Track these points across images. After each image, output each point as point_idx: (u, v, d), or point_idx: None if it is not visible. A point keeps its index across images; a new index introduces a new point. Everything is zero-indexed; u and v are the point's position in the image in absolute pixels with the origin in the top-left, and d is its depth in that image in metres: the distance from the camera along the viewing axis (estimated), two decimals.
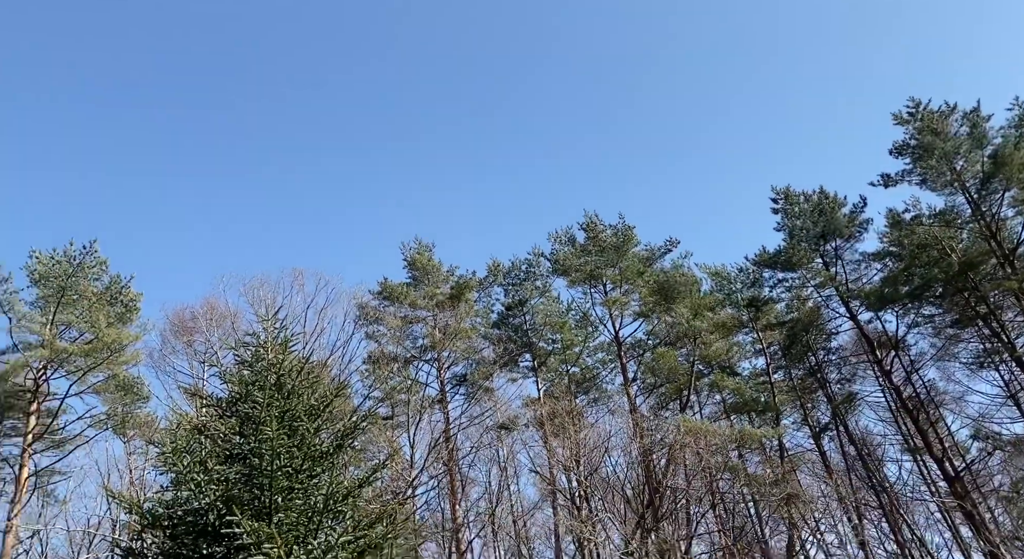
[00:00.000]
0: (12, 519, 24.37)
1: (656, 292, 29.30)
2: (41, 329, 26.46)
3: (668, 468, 21.81)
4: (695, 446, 21.30)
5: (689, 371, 28.84)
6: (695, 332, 28.13)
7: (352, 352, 27.55)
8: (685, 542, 20.71)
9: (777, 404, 28.58)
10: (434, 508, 29.57)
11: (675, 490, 21.91)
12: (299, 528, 8.43)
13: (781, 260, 30.15)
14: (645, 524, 20.03)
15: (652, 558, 18.55)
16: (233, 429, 9.95)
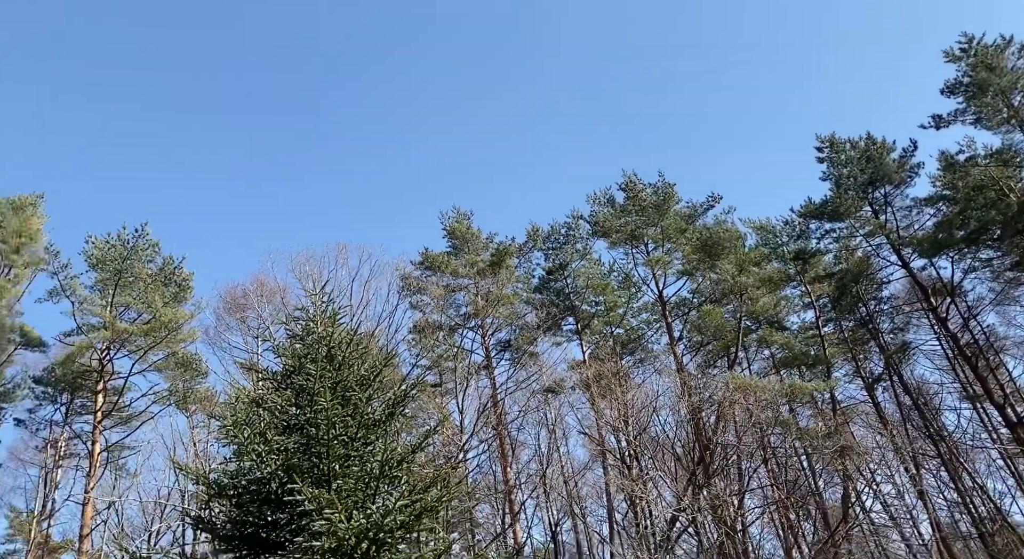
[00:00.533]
0: (89, 492, 25.74)
1: (700, 249, 28.88)
2: (102, 311, 27.52)
3: (718, 425, 21.74)
4: (744, 402, 21.15)
5: (736, 327, 28.51)
6: (741, 288, 27.72)
7: (398, 322, 27.93)
8: (737, 497, 20.71)
9: (828, 357, 28.12)
10: (486, 471, 30.13)
11: (726, 447, 21.85)
12: (357, 493, 8.70)
13: (828, 210, 29.32)
14: (696, 481, 20.08)
15: (705, 514, 18.65)
16: (289, 401, 10.26)
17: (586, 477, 27.97)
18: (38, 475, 30.45)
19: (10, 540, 32.19)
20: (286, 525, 8.91)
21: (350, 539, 7.57)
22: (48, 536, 28.12)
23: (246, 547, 9.00)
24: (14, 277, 27.45)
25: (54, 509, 28.35)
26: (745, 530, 20.06)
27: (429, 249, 30.93)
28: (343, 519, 7.60)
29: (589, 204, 32.12)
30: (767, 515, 22.71)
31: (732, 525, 17.91)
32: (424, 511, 8.80)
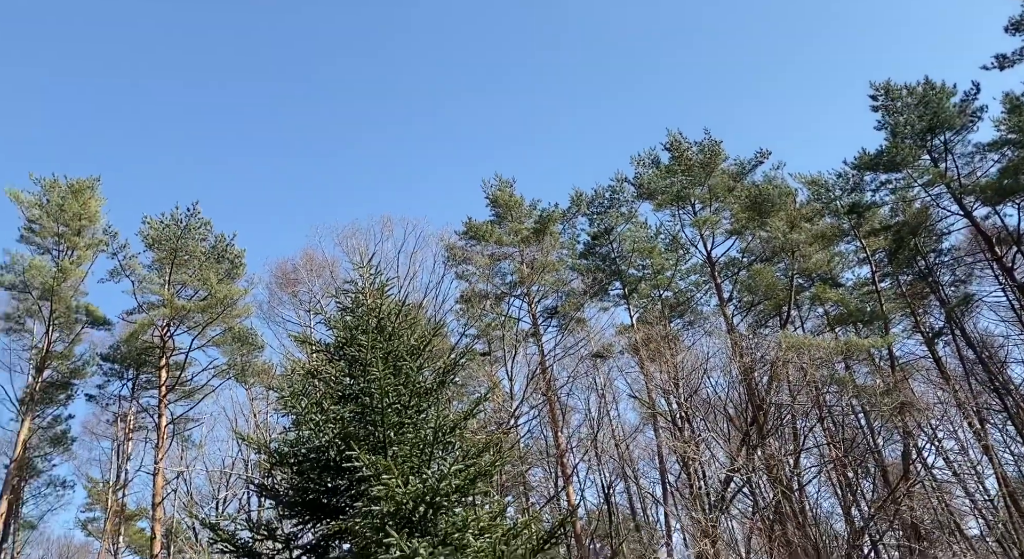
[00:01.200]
0: (158, 462, 26.95)
1: (748, 207, 28.18)
2: (160, 289, 28.47)
3: (771, 385, 21.42)
4: (798, 361, 20.76)
5: (788, 286, 27.89)
6: (792, 245, 27.02)
7: (444, 292, 28.19)
8: (792, 457, 20.49)
9: (885, 312, 27.32)
10: (537, 436, 30.46)
11: (779, 406, 21.56)
12: (412, 459, 8.87)
13: (884, 161, 28.16)
14: (750, 441, 19.90)
15: (759, 474, 18.51)
16: (343, 371, 10.47)
17: (637, 440, 28.06)
18: (111, 447, 32.00)
19: (90, 508, 34.05)
20: (345, 491, 9.17)
21: (408, 503, 7.74)
22: (123, 505, 29.62)
23: (308, 512, 9.31)
24: (77, 259, 28.54)
25: (127, 479, 29.81)
26: (802, 489, 19.86)
27: (472, 218, 30.95)
28: (400, 484, 7.77)
29: (633, 166, 31.58)
30: (824, 474, 22.42)
31: (788, 484, 17.74)
32: (478, 475, 8.93)
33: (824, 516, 20.52)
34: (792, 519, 16.27)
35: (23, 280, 27.91)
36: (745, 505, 21.66)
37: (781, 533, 16.02)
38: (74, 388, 30.74)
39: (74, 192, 28.63)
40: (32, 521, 32.25)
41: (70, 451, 31.90)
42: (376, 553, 7.64)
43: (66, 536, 37.36)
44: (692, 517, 18.37)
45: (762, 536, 16.72)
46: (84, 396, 31.20)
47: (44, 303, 28.03)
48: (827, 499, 24.92)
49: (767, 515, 17.95)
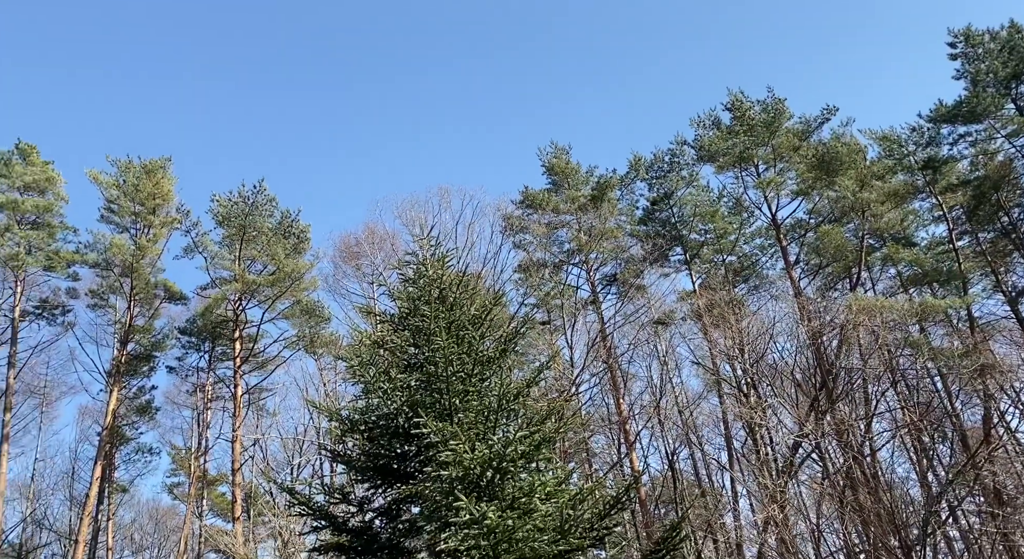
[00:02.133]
0: (236, 430, 28.27)
1: (815, 167, 27.15)
2: (231, 265, 29.57)
3: (840, 349, 20.82)
4: (869, 324, 20.09)
5: (858, 247, 26.90)
6: (863, 205, 25.96)
7: (503, 262, 28.26)
8: (864, 421, 19.96)
9: (963, 272, 26.05)
10: (599, 404, 30.51)
11: (849, 371, 20.96)
12: (478, 426, 9.04)
13: (963, 112, 26.58)
14: (819, 406, 19.47)
15: (829, 439, 18.14)
16: (407, 341, 10.70)
17: (701, 407, 27.80)
18: (191, 416, 33.70)
19: (174, 474, 36.07)
20: (414, 456, 9.45)
21: (475, 468, 7.92)
22: (205, 470, 31.24)
23: (380, 477, 9.63)
24: (153, 237, 29.86)
25: (207, 446, 31.38)
26: (874, 454, 19.36)
27: (529, 187, 30.83)
28: (467, 450, 7.95)
29: (693, 128, 30.77)
30: (898, 439, 21.79)
31: (859, 450, 17.33)
32: (542, 442, 9.06)
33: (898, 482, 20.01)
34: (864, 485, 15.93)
35: (105, 258, 29.41)
36: (814, 471, 21.29)
37: (853, 498, 15.73)
38: (156, 360, 32.42)
39: (147, 172, 29.83)
40: (124, 485, 34.40)
41: (155, 420, 33.80)
42: (446, 516, 7.87)
43: (154, 499, 39.70)
44: (759, 482, 18.18)
45: (833, 501, 16.45)
46: (165, 368, 32.90)
47: (125, 279, 29.50)
48: (901, 464, 24.27)
49: (837, 481, 17.61)
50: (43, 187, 29.54)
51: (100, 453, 28.16)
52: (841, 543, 17.25)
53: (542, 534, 7.70)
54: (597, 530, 8.81)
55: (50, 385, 33.27)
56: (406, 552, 9.30)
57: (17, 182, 28.75)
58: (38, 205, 28.84)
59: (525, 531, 7.51)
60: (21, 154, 29.48)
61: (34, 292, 30.19)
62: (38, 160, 29.73)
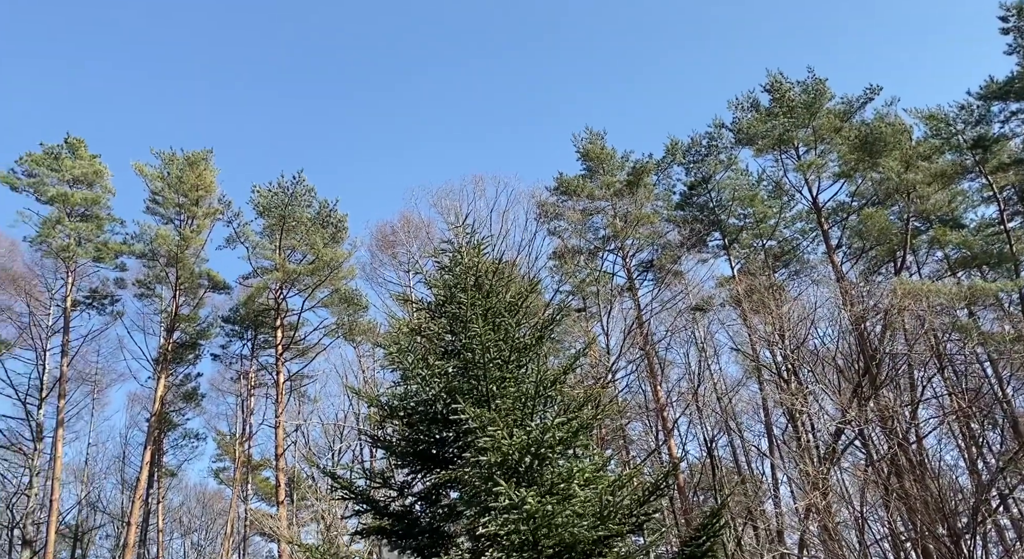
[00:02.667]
0: (279, 416, 28.90)
1: (858, 148, 26.44)
2: (272, 255, 30.13)
3: (884, 334, 20.34)
4: (915, 308, 19.57)
5: (903, 230, 26.19)
6: (908, 186, 25.24)
7: (537, 250, 28.23)
8: (910, 408, 19.51)
9: (1015, 254, 25.21)
10: (635, 391, 30.37)
11: (894, 356, 20.47)
12: (515, 412, 9.09)
13: (1015, 88, 25.58)
14: (862, 393, 19.08)
15: (873, 426, 17.78)
16: (444, 328, 10.79)
17: (740, 393, 27.48)
18: (235, 403, 34.52)
19: (220, 459, 37.05)
20: (453, 442, 9.55)
21: (514, 454, 7.98)
22: (249, 455, 32.01)
23: (419, 462, 9.77)
24: (196, 227, 30.55)
25: (251, 432, 32.11)
26: (920, 441, 18.93)
27: (563, 174, 30.66)
28: (505, 435, 8.00)
29: (731, 111, 30.19)
30: (945, 426, 21.27)
31: (905, 437, 16.96)
32: (580, 428, 9.08)
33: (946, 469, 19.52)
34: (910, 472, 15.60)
35: (151, 248, 30.20)
36: (857, 458, 20.92)
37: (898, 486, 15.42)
38: (201, 348, 33.25)
39: (190, 164, 30.48)
40: (172, 469, 35.47)
41: (200, 406, 34.72)
42: (485, 501, 7.94)
43: (201, 483, 40.89)
44: (800, 469, 17.92)
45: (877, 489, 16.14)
46: (210, 356, 33.74)
47: (170, 269, 30.27)
48: (949, 452, 23.68)
49: (882, 468, 17.28)
50: (91, 180, 30.37)
51: (149, 438, 29.07)
52: (886, 531, 16.94)
53: (581, 520, 7.73)
54: (636, 516, 8.82)
55: (100, 372, 34.40)
56: (446, 536, 9.43)
57: (67, 175, 29.62)
58: (87, 198, 29.67)
59: (564, 516, 7.55)
60: (70, 148, 30.33)
61: (84, 282, 31.19)
62: (86, 154, 30.56)
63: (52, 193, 28.84)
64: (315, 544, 9.56)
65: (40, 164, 29.21)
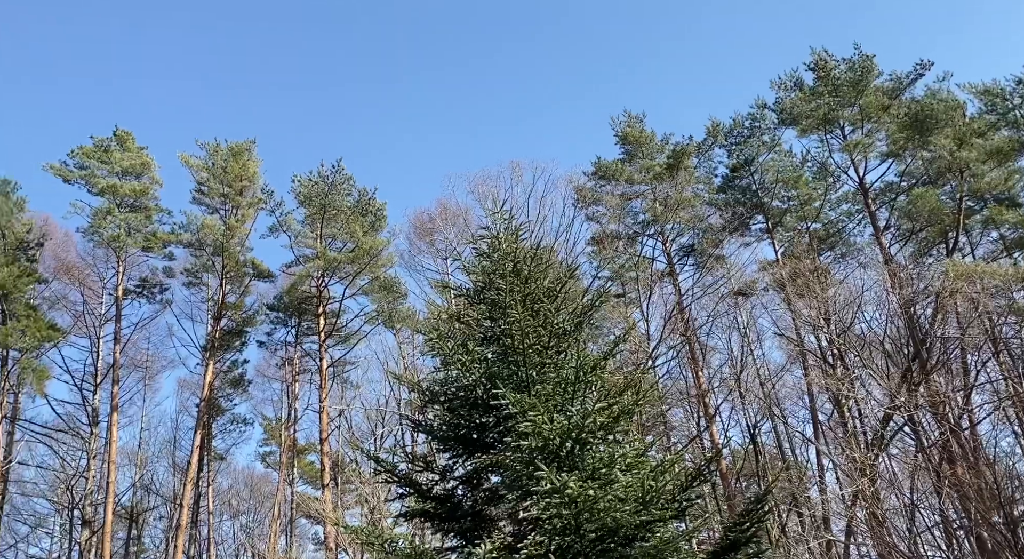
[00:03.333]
0: (322, 402, 29.46)
1: (907, 126, 25.60)
2: (313, 243, 30.62)
3: (935, 317, 19.75)
4: (968, 291, 18.94)
5: (955, 209, 25.32)
6: (961, 164, 24.35)
7: (575, 235, 28.12)
8: (962, 393, 18.94)
9: None
10: (676, 377, 30.15)
11: (945, 340, 19.88)
12: (556, 397, 9.08)
13: None
14: (912, 378, 18.59)
15: (923, 411, 17.32)
16: (484, 314, 10.82)
17: (784, 379, 27.06)
18: (280, 388, 35.31)
19: (266, 443, 38.01)
20: (494, 427, 9.60)
21: (554, 439, 7.97)
22: (295, 440, 32.76)
23: (461, 446, 9.84)
24: (241, 217, 31.19)
25: (296, 417, 32.86)
26: (973, 427, 18.39)
27: (601, 158, 30.37)
28: (546, 420, 8.00)
29: (773, 90, 29.45)
30: (1000, 411, 20.61)
31: (957, 422, 16.48)
32: (621, 414, 9.04)
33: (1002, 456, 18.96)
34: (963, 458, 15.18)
35: (198, 238, 30.96)
36: (906, 444, 20.43)
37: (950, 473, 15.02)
38: (247, 335, 34.05)
39: (234, 154, 31.08)
40: (221, 453, 36.50)
41: (247, 392, 35.62)
42: (527, 485, 7.96)
43: (249, 467, 42.00)
44: (847, 455, 17.58)
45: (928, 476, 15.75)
46: (256, 342, 34.54)
47: (216, 259, 30.99)
48: (1005, 438, 22.97)
49: (933, 454, 16.84)
50: (139, 171, 31.20)
51: (199, 423, 29.94)
52: (937, 518, 16.55)
53: (623, 504, 7.69)
54: (678, 502, 8.76)
55: (151, 359, 35.47)
56: (488, 519, 9.51)
57: (116, 167, 30.47)
58: (135, 189, 30.49)
59: (607, 501, 7.53)
60: (118, 141, 31.17)
61: (134, 271, 32.16)
62: (134, 146, 31.38)
63: (102, 185, 29.72)
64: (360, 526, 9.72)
65: (90, 156, 30.11)
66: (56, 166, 29.64)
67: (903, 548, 14.92)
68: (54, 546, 35.21)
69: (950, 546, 16.79)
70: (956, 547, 16.68)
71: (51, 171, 29.53)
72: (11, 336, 26.52)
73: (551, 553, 7.42)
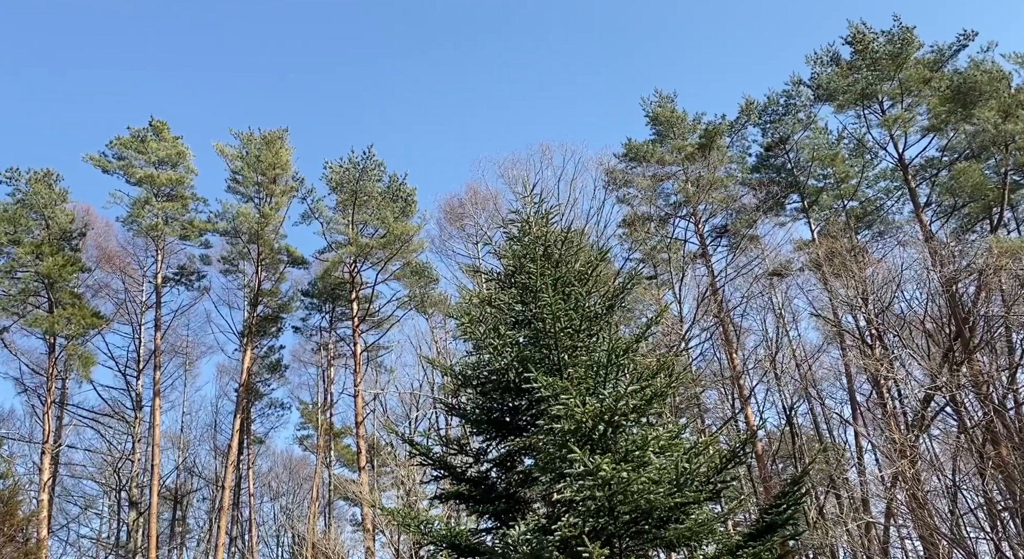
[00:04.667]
0: (357, 386, 29.86)
1: (949, 99, 24.78)
2: (345, 229, 30.89)
3: (979, 296, 19.23)
4: (1013, 268, 18.39)
5: (1000, 184, 24.53)
6: (1006, 137, 23.54)
7: (606, 218, 27.89)
8: (1008, 372, 18.45)
9: None
10: (710, 359, 29.88)
11: (989, 319, 19.36)
12: (588, 381, 9.08)
13: None
14: (954, 357, 18.16)
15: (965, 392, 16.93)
16: (515, 298, 10.83)
17: (820, 360, 26.65)
18: (316, 373, 35.87)
19: (303, 427, 38.71)
20: (526, 410, 9.64)
21: (587, 422, 7.98)
22: (331, 423, 33.30)
23: (494, 429, 9.92)
24: (275, 205, 31.58)
25: (332, 401, 33.37)
26: (1019, 407, 17.92)
27: (632, 139, 29.96)
28: (578, 404, 8.01)
29: (809, 66, 28.67)
30: None
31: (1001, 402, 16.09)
32: (654, 396, 8.99)
33: None
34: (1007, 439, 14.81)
35: (233, 226, 31.45)
36: (948, 425, 20.02)
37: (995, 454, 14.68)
38: (283, 321, 34.60)
39: (267, 143, 31.42)
40: (260, 437, 37.30)
41: (284, 377, 36.27)
42: (560, 468, 8.00)
43: (287, 450, 42.88)
44: (887, 437, 17.29)
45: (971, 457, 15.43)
46: (291, 328, 35.09)
47: (252, 246, 31.47)
48: None
49: (976, 435, 16.48)
50: (175, 161, 31.73)
51: (238, 407, 30.60)
52: (981, 500, 16.22)
53: (657, 486, 7.69)
54: (713, 484, 8.72)
55: (191, 345, 36.29)
56: (522, 501, 9.58)
57: (152, 157, 31.04)
58: (171, 178, 31.04)
59: (640, 483, 7.53)
60: (154, 131, 31.72)
61: (173, 259, 32.85)
62: (169, 136, 31.90)
63: (140, 174, 30.31)
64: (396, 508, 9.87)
65: (128, 147, 30.70)
66: (95, 157, 30.31)
67: (945, 530, 14.67)
68: (103, 526, 36.46)
69: (994, 528, 16.47)
70: (1000, 529, 16.36)
71: (91, 162, 30.22)
72: (58, 323, 27.35)
73: (585, 535, 7.44)
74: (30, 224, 28.76)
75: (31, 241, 28.32)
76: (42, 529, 25.19)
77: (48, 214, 28.92)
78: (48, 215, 28.92)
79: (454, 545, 8.81)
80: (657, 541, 8.29)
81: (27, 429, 32.39)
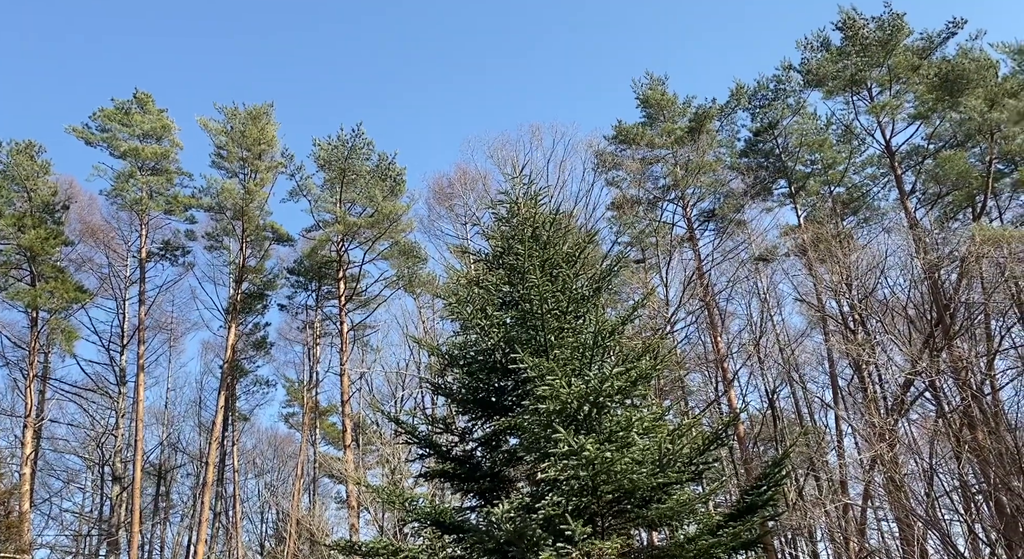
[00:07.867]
0: (343, 365, 29.86)
1: (937, 87, 24.86)
2: (333, 207, 30.68)
3: (960, 283, 19.48)
4: (995, 256, 18.62)
5: (984, 173, 24.73)
6: (992, 126, 23.68)
7: (595, 200, 27.91)
8: (986, 359, 18.76)
9: None
10: (695, 342, 30.13)
11: (970, 306, 19.63)
12: (574, 362, 9.15)
13: None
14: (934, 343, 18.43)
15: (944, 377, 17.21)
16: (502, 279, 10.86)
17: (803, 344, 26.94)
18: (302, 351, 35.80)
19: (289, 405, 38.72)
20: (512, 390, 9.71)
21: (572, 402, 8.05)
22: (316, 402, 33.31)
23: (479, 409, 9.99)
24: (260, 181, 31.24)
25: (318, 379, 33.34)
26: (995, 393, 18.26)
27: (622, 121, 29.87)
28: (564, 384, 8.07)
29: (799, 51, 28.60)
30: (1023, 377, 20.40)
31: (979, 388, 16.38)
32: (638, 378, 9.09)
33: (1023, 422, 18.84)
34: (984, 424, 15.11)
35: (218, 202, 31.11)
36: (927, 410, 20.37)
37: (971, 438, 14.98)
38: (268, 298, 34.45)
39: (252, 118, 30.99)
40: (245, 414, 37.27)
41: (269, 354, 36.18)
42: (544, 447, 8.08)
43: (272, 428, 42.90)
44: (867, 421, 17.58)
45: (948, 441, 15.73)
46: (277, 306, 34.94)
47: (237, 222, 31.19)
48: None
49: (953, 420, 16.79)
50: (159, 135, 31.25)
51: (223, 384, 30.53)
52: (956, 483, 16.57)
53: (640, 467, 7.80)
54: (695, 465, 8.85)
55: (175, 321, 36.03)
56: (507, 480, 9.68)
57: (137, 131, 30.55)
58: (156, 152, 30.57)
59: (623, 463, 7.63)
60: (139, 103, 31.18)
61: (157, 234, 32.48)
62: (154, 109, 31.38)
63: (124, 147, 29.84)
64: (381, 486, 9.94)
65: (112, 119, 30.17)
66: (79, 128, 29.78)
67: (920, 512, 14.99)
68: (86, 501, 36.43)
69: (968, 510, 16.83)
70: (974, 511, 16.72)
71: (74, 133, 29.69)
72: (40, 297, 27.07)
73: (568, 513, 7.55)
74: (12, 196, 28.31)
75: (13, 213, 27.90)
76: (24, 502, 25.11)
77: (30, 186, 28.46)
78: (30, 187, 28.46)
79: (438, 523, 8.90)
80: (639, 520, 8.43)
81: (9, 403, 32.11)
